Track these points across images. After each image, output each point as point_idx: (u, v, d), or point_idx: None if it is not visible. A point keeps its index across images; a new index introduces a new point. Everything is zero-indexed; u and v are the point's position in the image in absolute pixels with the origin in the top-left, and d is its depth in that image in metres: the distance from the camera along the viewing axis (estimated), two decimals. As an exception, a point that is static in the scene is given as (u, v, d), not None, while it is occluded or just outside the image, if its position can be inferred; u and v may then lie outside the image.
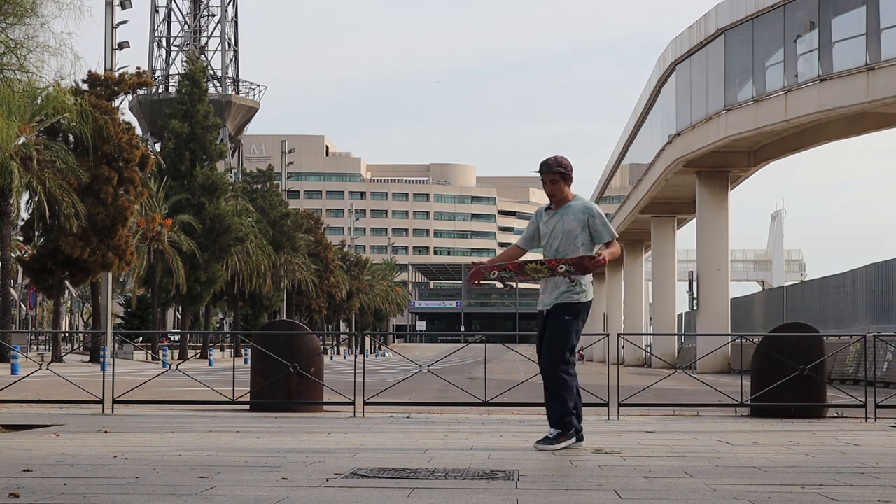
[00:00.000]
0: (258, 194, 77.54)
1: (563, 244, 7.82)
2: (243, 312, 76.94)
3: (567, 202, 7.93)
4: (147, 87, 51.40)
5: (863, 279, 32.23)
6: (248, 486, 5.62)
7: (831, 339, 25.81)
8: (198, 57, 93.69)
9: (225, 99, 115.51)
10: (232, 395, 12.16)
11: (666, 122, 45.39)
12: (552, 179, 7.86)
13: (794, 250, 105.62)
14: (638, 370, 44.48)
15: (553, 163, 7.87)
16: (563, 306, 7.78)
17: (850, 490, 5.64)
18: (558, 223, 7.87)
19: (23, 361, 30.61)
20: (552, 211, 7.96)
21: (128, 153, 44.75)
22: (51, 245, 44.27)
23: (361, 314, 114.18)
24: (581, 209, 7.87)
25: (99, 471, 6.26)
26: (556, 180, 7.86)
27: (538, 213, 8.06)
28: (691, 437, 9.08)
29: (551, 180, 7.86)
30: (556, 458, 7.20)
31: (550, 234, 7.89)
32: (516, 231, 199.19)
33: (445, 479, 5.94)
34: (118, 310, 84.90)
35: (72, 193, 41.79)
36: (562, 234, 7.84)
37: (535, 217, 8.09)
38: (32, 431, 9.16)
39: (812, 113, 32.92)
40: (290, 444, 8.05)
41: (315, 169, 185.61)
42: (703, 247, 42.45)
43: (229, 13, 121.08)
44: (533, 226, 8.06)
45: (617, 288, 76.71)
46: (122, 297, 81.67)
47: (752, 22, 36.54)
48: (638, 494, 5.41)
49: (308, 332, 12.32)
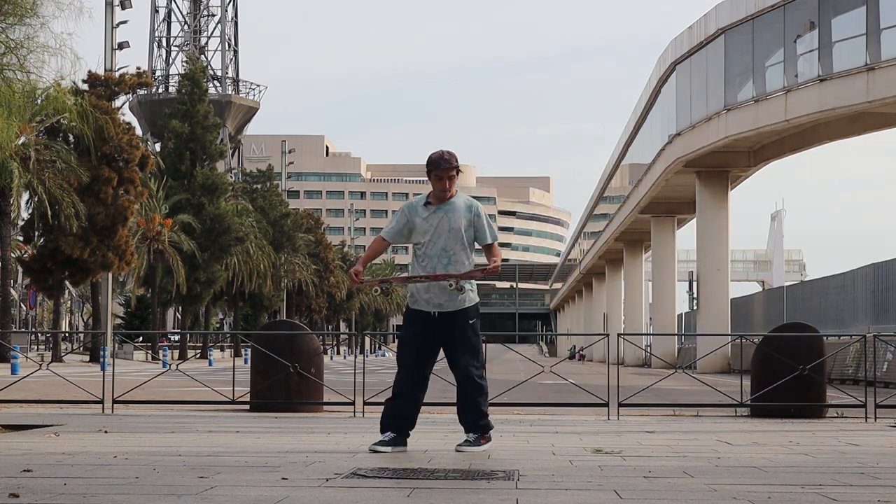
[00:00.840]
0: (258, 194, 77.56)
1: (451, 242, 7.51)
2: (243, 312, 76.94)
3: (451, 198, 7.61)
4: (147, 87, 51.40)
5: (863, 279, 32.24)
6: (248, 486, 5.62)
7: (831, 339, 25.80)
8: (198, 57, 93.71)
9: (225, 99, 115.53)
10: (232, 395, 12.16)
11: (666, 122, 45.38)
12: (451, 176, 7.56)
13: (794, 250, 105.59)
14: (638, 370, 44.47)
15: (452, 159, 7.56)
16: (469, 310, 7.53)
17: (850, 490, 5.64)
18: (443, 220, 7.53)
19: (23, 361, 30.60)
20: (432, 206, 7.61)
21: (128, 153, 44.75)
22: (51, 245, 44.27)
23: (361, 314, 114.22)
24: (466, 207, 7.57)
25: (99, 471, 6.26)
26: (453, 177, 7.58)
27: (411, 208, 7.67)
28: (691, 437, 9.08)
29: (450, 177, 7.55)
30: (556, 458, 7.20)
31: (433, 231, 7.54)
32: (516, 231, 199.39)
33: (445, 479, 5.93)
34: (118, 310, 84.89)
35: (72, 193, 41.78)
36: (448, 232, 7.52)
37: (406, 210, 7.67)
38: (32, 431, 9.16)
39: (812, 113, 32.91)
40: (290, 444, 8.05)
41: (315, 169, 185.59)
42: (703, 247, 42.46)
43: (229, 13, 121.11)
44: (404, 220, 7.62)
45: (617, 288, 76.70)
46: (122, 297, 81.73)
47: (752, 22, 36.53)
48: (638, 494, 5.41)
49: (308, 332, 12.31)
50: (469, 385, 7.55)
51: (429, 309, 7.52)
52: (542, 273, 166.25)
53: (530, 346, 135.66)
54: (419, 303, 7.56)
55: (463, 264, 7.52)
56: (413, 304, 7.61)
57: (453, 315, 7.50)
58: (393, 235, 7.70)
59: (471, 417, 7.58)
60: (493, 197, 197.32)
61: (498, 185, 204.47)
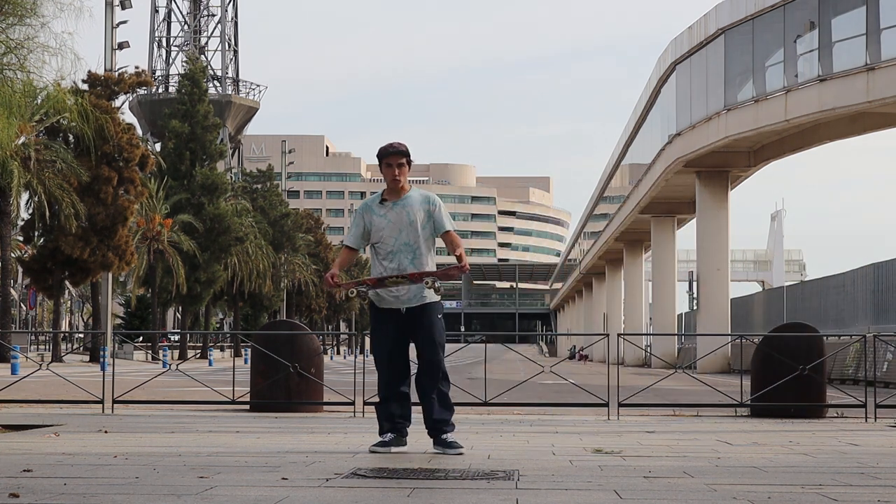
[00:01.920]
0: (258, 194, 77.56)
1: (412, 236, 7.44)
2: (243, 312, 76.94)
3: (406, 192, 7.53)
4: (147, 87, 51.41)
5: (863, 279, 32.25)
6: (248, 486, 5.62)
7: (831, 339, 25.80)
8: (198, 57, 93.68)
9: (225, 99, 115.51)
10: (232, 395, 12.16)
11: (666, 122, 45.38)
12: (401, 164, 7.46)
13: (794, 250, 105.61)
14: (638, 370, 44.46)
15: (401, 146, 7.49)
16: (435, 305, 7.51)
17: (850, 490, 5.64)
18: (401, 214, 7.44)
19: (23, 361, 30.59)
20: (388, 203, 7.54)
21: (128, 153, 44.74)
22: (51, 245, 44.25)
23: (361, 314, 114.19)
24: (423, 199, 7.50)
25: (99, 471, 6.26)
26: (403, 164, 7.46)
27: (366, 208, 7.60)
28: (691, 437, 9.08)
29: (399, 164, 7.45)
30: (556, 458, 7.20)
31: (392, 226, 7.47)
32: (516, 231, 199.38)
33: (445, 479, 5.94)
34: (118, 310, 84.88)
35: (72, 193, 41.77)
36: (409, 225, 7.44)
37: (361, 211, 7.58)
38: (32, 431, 9.16)
39: (812, 113, 32.91)
40: (290, 445, 8.05)
41: (315, 169, 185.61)
42: (703, 247, 42.45)
43: (229, 13, 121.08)
44: (362, 222, 7.55)
45: (617, 288, 76.69)
46: (122, 297, 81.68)
47: (752, 22, 36.53)
48: (638, 494, 5.41)
49: (308, 332, 12.32)
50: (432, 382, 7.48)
51: (397, 306, 7.50)
52: (542, 273, 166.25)
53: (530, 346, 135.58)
54: (385, 301, 7.53)
55: (427, 259, 7.49)
56: (380, 304, 7.57)
57: (420, 310, 7.49)
58: (356, 241, 7.66)
59: (444, 413, 7.50)
60: (493, 197, 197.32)
61: (498, 185, 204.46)
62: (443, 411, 7.50)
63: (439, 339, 7.54)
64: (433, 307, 7.53)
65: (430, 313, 7.51)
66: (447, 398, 7.57)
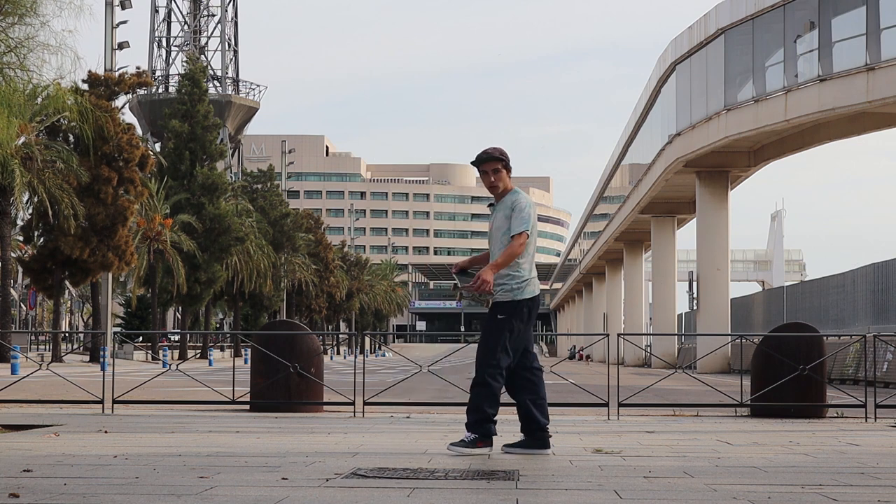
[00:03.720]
0: (258, 194, 77.53)
1: (495, 244, 7.43)
2: (243, 312, 76.94)
3: (505, 194, 7.44)
4: (147, 87, 51.40)
5: (863, 279, 32.25)
6: (248, 486, 5.62)
7: (831, 339, 25.81)
8: (198, 57, 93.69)
9: (225, 99, 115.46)
10: (232, 395, 12.16)
11: (666, 122, 45.38)
12: (496, 169, 7.35)
13: (794, 250, 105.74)
14: (638, 370, 44.47)
15: (494, 151, 7.41)
16: (497, 304, 7.37)
17: (850, 490, 5.64)
18: (494, 219, 7.45)
19: (23, 361, 30.60)
20: (493, 206, 7.54)
21: (128, 153, 44.73)
22: (51, 245, 44.25)
23: (361, 314, 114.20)
24: (509, 204, 7.37)
25: (99, 471, 6.26)
26: (498, 170, 7.36)
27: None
28: (691, 437, 9.08)
29: (494, 170, 7.34)
30: (556, 458, 7.20)
31: (490, 230, 7.52)
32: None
33: (445, 479, 5.93)
34: (118, 310, 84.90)
35: (72, 193, 41.77)
36: (495, 230, 7.43)
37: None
38: (32, 431, 9.16)
39: (812, 113, 32.91)
40: (290, 445, 8.05)
41: (315, 169, 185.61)
42: (703, 247, 42.46)
43: (229, 13, 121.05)
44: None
45: (617, 288, 76.71)
46: (122, 297, 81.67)
47: (752, 22, 36.53)
48: (638, 494, 5.41)
49: (308, 332, 12.31)
50: (474, 383, 7.41)
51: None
52: (542, 273, 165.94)
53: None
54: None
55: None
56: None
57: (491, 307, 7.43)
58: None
59: (468, 416, 7.46)
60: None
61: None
62: (468, 412, 7.42)
63: (486, 340, 7.37)
64: (496, 306, 7.38)
65: (492, 312, 7.40)
66: (471, 400, 7.38)
